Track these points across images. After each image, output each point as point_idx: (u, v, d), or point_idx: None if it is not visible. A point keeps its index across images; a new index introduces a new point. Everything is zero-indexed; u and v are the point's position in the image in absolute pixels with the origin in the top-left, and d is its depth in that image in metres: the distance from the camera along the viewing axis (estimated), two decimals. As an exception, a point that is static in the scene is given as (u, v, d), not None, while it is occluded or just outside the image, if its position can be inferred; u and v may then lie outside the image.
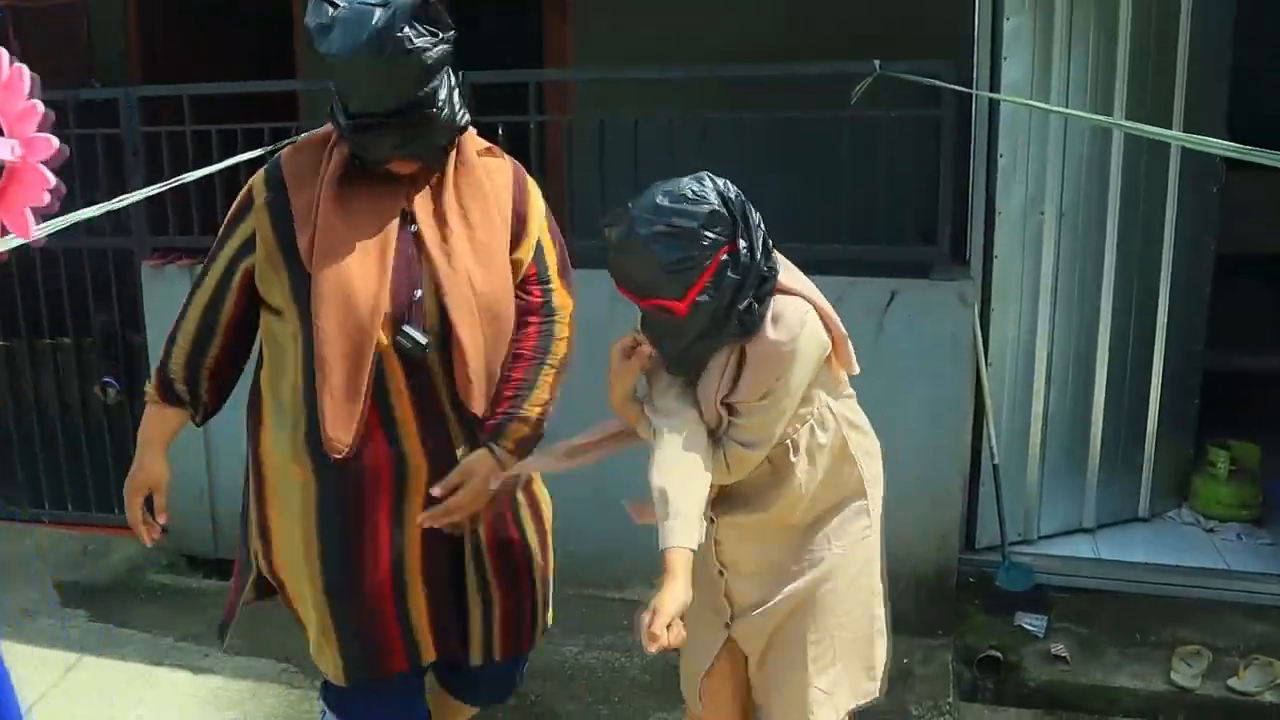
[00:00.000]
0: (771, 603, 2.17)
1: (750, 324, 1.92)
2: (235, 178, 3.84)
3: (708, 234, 1.82)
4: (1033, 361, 4.00)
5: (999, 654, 3.47)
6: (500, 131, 3.68)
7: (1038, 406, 4.03)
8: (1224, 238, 5.06)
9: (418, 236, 1.95)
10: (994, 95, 3.04)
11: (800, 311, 1.98)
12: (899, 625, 3.54)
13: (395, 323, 1.90)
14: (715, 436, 2.03)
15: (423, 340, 1.91)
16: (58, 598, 3.99)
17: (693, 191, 1.83)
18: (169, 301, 4.03)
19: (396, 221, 1.93)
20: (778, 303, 1.96)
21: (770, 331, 1.95)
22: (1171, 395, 4.24)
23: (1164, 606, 3.75)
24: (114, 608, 3.88)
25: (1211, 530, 4.21)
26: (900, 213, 3.54)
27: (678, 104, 3.61)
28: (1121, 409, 4.18)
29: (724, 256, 1.85)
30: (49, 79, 4.94)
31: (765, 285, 1.93)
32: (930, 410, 3.50)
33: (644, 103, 3.66)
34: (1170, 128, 3.92)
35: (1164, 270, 4.08)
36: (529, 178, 2.13)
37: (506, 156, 2.13)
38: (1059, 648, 3.51)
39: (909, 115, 3.41)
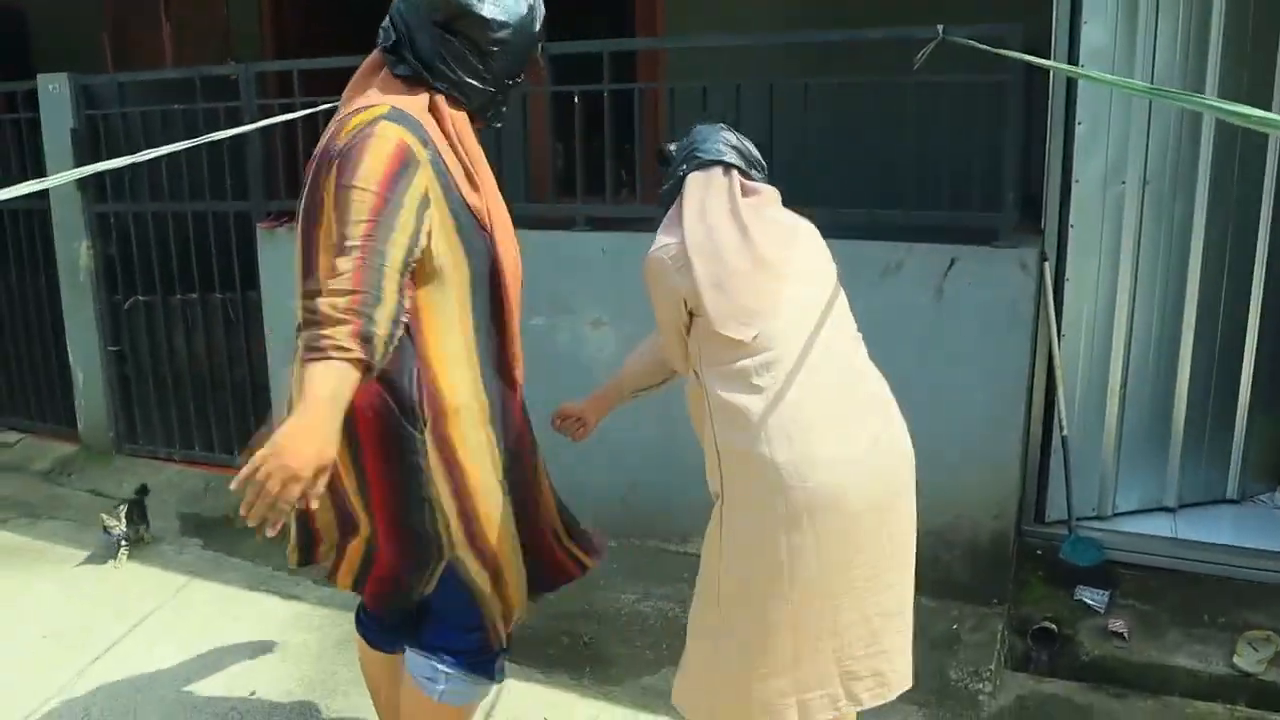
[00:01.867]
0: None
1: None
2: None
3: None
4: (1110, 335, 3.90)
5: (1054, 626, 3.45)
6: (576, 100, 3.88)
7: (1115, 380, 3.94)
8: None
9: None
10: (1047, 64, 2.97)
11: (657, 245, 2.15)
12: (952, 591, 3.62)
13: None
14: None
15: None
16: (178, 527, 4.42)
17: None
18: (281, 260, 4.46)
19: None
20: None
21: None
22: (1266, 374, 4.05)
23: (1237, 589, 3.63)
24: (224, 539, 4.27)
25: (1305, 514, 4.03)
26: (967, 179, 3.52)
27: (754, 70, 3.69)
28: (1209, 386, 4.03)
29: None
30: (193, 56, 5.41)
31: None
32: (990, 379, 3.49)
33: (724, 72, 3.76)
34: (1272, 98, 3.77)
35: (1260, 245, 3.91)
36: None
37: None
38: (1118, 624, 3.46)
39: (975, 81, 3.39)
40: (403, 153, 1.84)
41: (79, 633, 3.49)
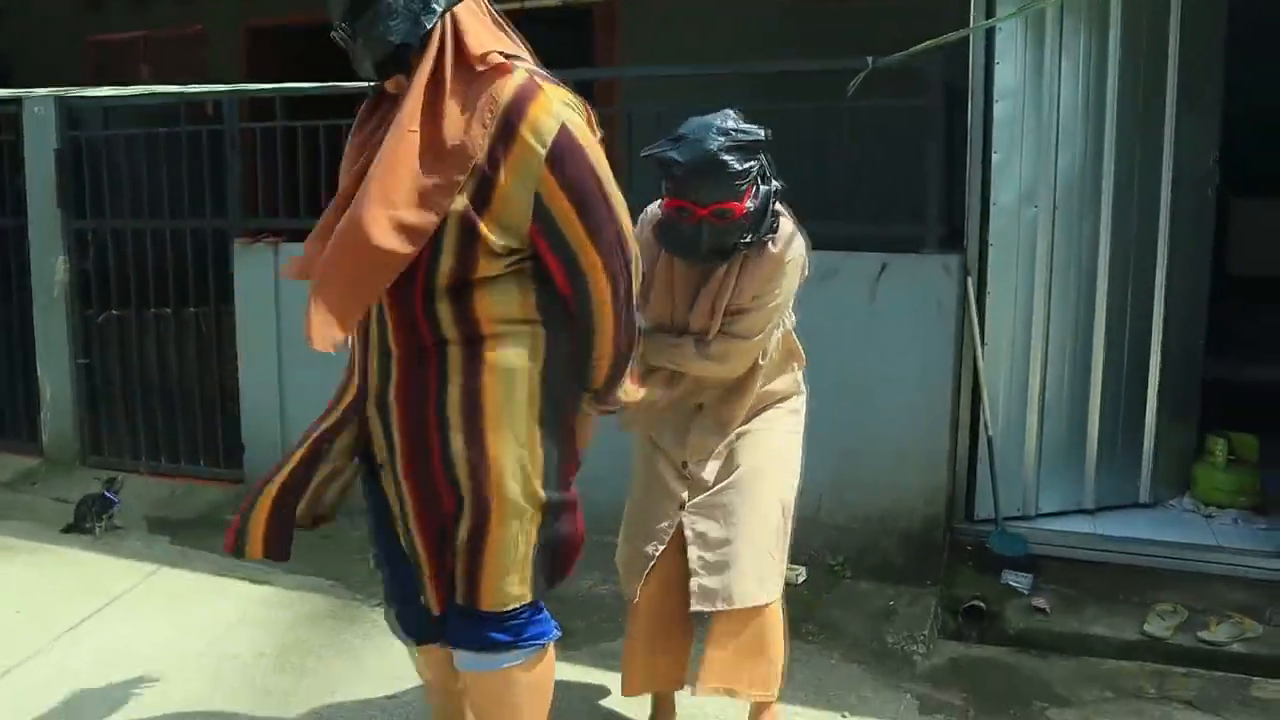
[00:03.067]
0: (719, 459, 2.55)
1: (772, 228, 2.40)
2: (314, 168, 4.47)
3: (761, 149, 2.30)
4: (1028, 346, 4.26)
5: (982, 604, 3.72)
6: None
7: (1034, 388, 4.28)
8: (1237, 260, 5.31)
9: None
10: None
11: (792, 229, 2.46)
12: (888, 573, 3.89)
13: None
14: (702, 339, 2.47)
15: None
16: (145, 527, 4.53)
17: (742, 118, 2.34)
18: (257, 275, 4.69)
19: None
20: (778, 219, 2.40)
21: (771, 245, 2.40)
22: (1170, 387, 4.44)
23: (1150, 576, 3.93)
24: (192, 536, 4.39)
25: (1210, 516, 4.37)
26: (895, 195, 3.91)
27: (705, 96, 4.06)
28: (1120, 397, 4.40)
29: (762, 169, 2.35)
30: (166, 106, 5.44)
31: (777, 196, 2.38)
32: (919, 372, 3.82)
33: (677, 96, 4.13)
34: (1164, 121, 4.23)
35: (1159, 267, 4.33)
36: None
37: (512, 71, 2.06)
38: (1040, 601, 3.74)
39: (900, 106, 3.79)
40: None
41: (53, 608, 3.60)
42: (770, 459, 2.61)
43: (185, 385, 5.11)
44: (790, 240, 2.46)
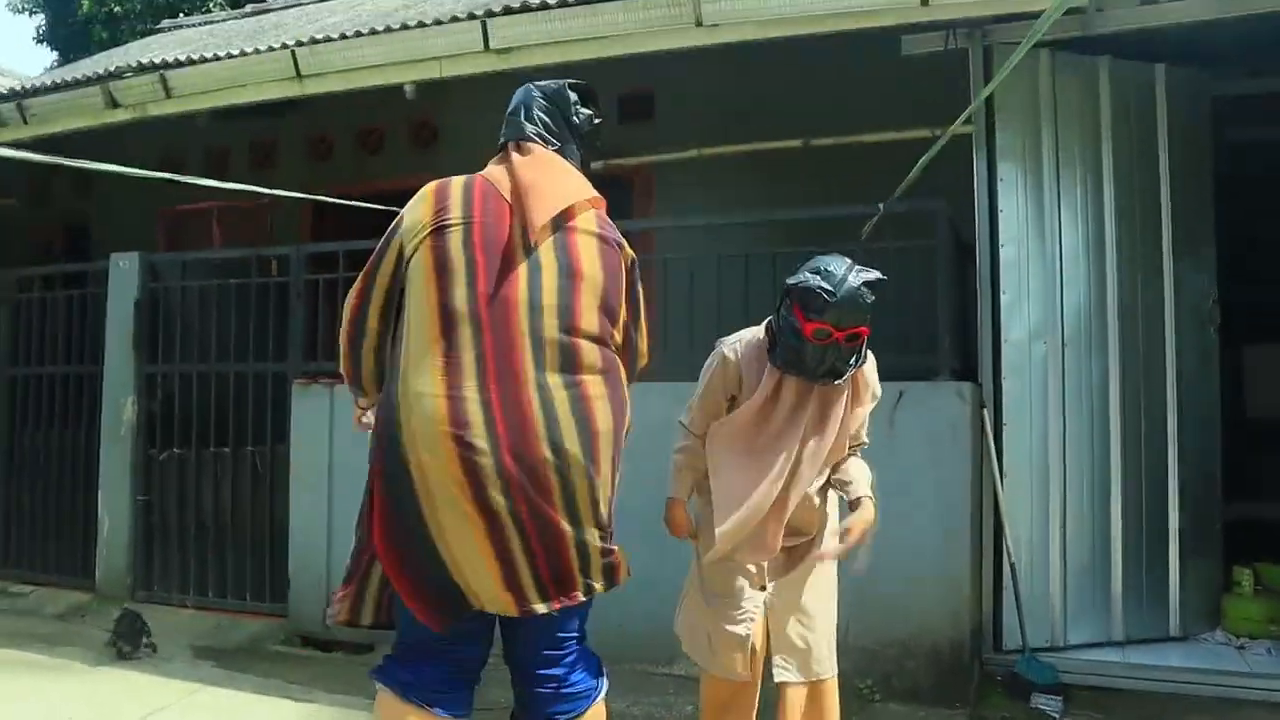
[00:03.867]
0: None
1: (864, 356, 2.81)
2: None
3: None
4: (1047, 477, 4.42)
5: (1011, 725, 3.73)
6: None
7: (1055, 520, 4.41)
8: (1251, 403, 5.49)
9: None
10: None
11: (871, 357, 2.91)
12: (916, 696, 3.91)
13: None
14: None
15: None
16: (190, 654, 4.66)
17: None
18: (312, 413, 4.99)
19: None
20: None
21: (865, 369, 2.86)
22: (1191, 521, 4.54)
23: (1182, 700, 3.94)
24: (237, 662, 4.52)
25: (1242, 647, 4.37)
26: (911, 328, 4.18)
27: (731, 244, 4.44)
28: (1141, 530, 4.50)
29: None
30: (235, 263, 5.89)
31: None
32: (939, 492, 3.98)
33: (706, 246, 4.51)
34: (1161, 260, 4.53)
35: (1169, 403, 4.52)
36: None
37: None
38: (1070, 722, 3.75)
39: (910, 245, 4.12)
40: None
41: (102, 718, 3.72)
42: (831, 579, 2.96)
43: (237, 521, 5.33)
44: (872, 364, 2.93)
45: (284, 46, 5.01)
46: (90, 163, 4.14)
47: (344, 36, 4.89)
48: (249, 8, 9.49)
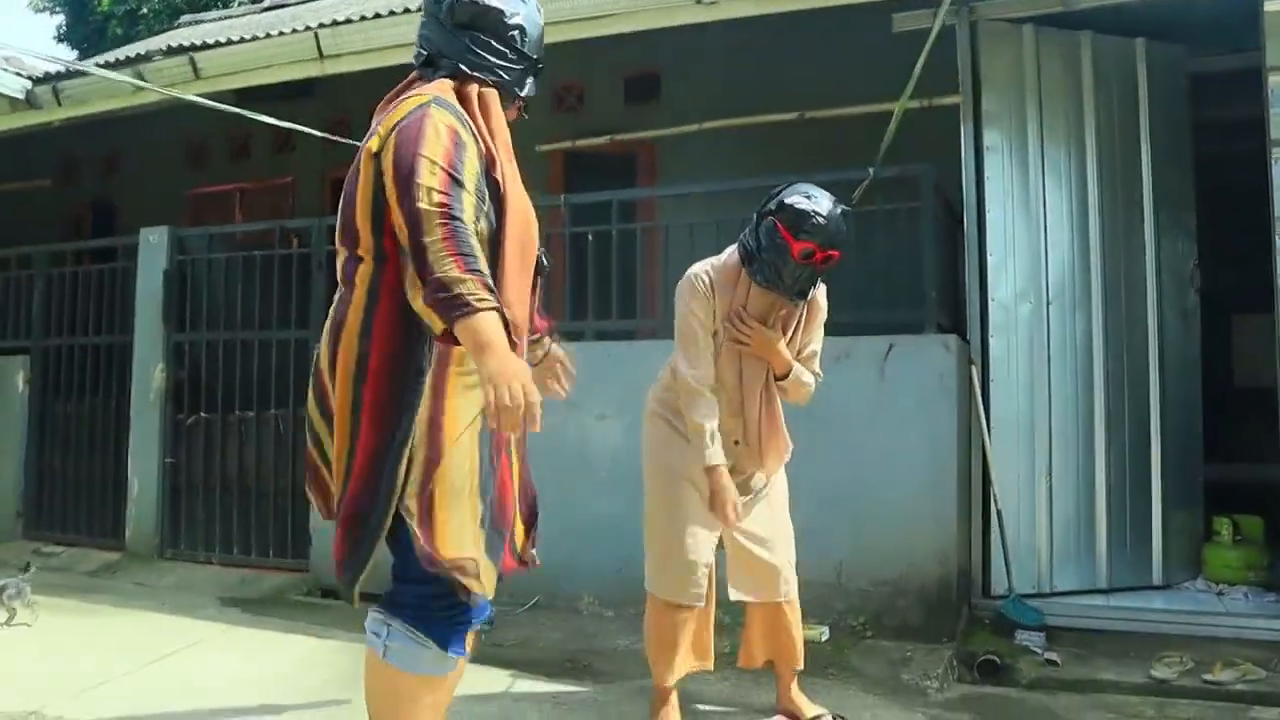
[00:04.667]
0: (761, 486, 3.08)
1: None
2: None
3: None
4: (1033, 430, 4.62)
5: (996, 658, 3.94)
6: (590, 238, 4.84)
7: (1041, 472, 4.61)
8: (1238, 372, 5.69)
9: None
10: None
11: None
12: (906, 632, 4.14)
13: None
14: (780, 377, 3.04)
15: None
16: (219, 605, 4.91)
17: None
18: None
19: None
20: None
21: (819, 295, 3.13)
22: (1173, 471, 4.75)
23: (1160, 639, 4.13)
24: (262, 608, 4.76)
25: (1221, 593, 4.57)
26: (899, 285, 4.41)
27: (730, 209, 4.66)
28: (1125, 483, 4.71)
29: None
30: (261, 233, 6.22)
31: None
32: (927, 440, 4.20)
33: (706, 211, 4.74)
34: (1142, 224, 4.74)
35: (1152, 362, 4.73)
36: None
37: None
38: (1052, 655, 3.96)
39: (900, 208, 4.36)
40: (455, 133, 2.12)
41: (140, 648, 3.97)
42: (784, 494, 3.19)
43: (261, 482, 5.58)
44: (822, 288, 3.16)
45: (307, 29, 5.27)
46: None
47: (363, 19, 5.15)
48: (266, 2, 9.77)
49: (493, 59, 2.29)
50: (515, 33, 2.31)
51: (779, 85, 5.11)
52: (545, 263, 2.38)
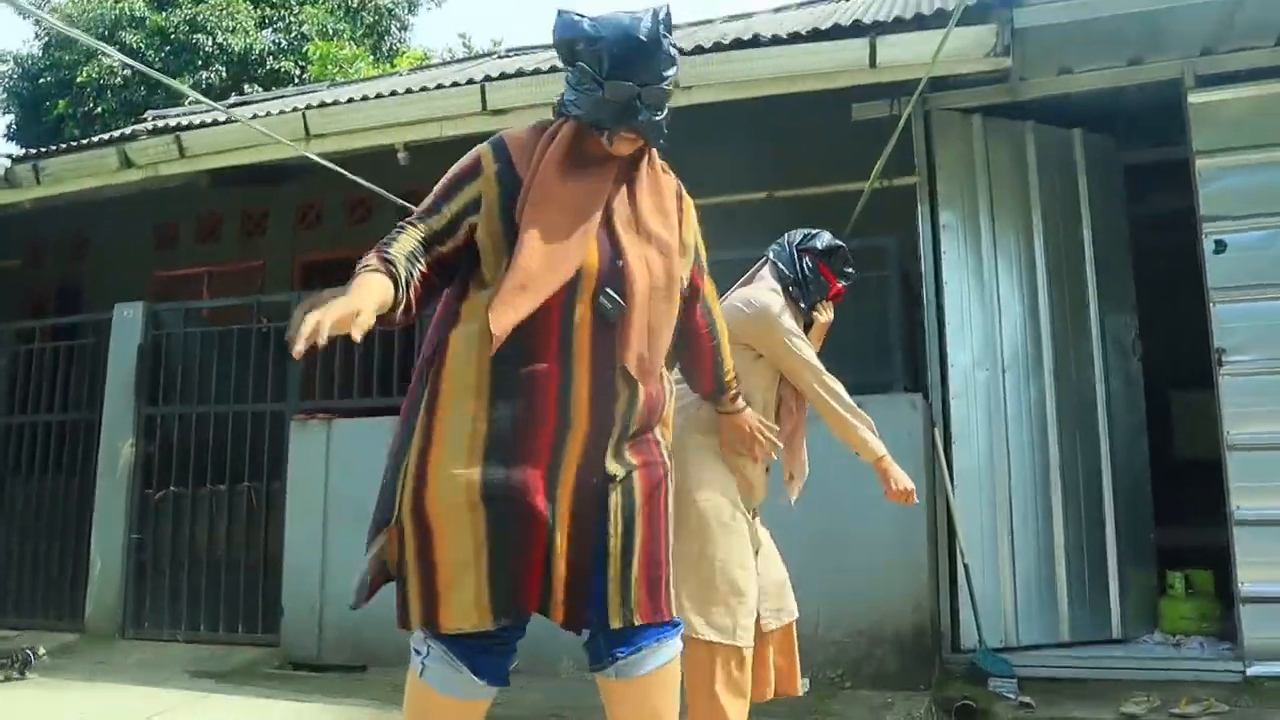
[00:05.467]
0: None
1: None
2: (369, 359, 5.22)
3: None
4: (994, 491, 4.85)
5: (973, 702, 4.06)
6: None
7: (1003, 530, 4.83)
8: (1181, 445, 6.05)
9: (611, 220, 2.14)
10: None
11: None
12: (883, 681, 4.24)
13: (599, 285, 2.07)
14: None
15: (622, 303, 2.08)
16: (188, 679, 4.81)
17: None
18: (310, 449, 5.27)
19: (603, 200, 2.14)
20: None
21: None
22: (1127, 529, 5.00)
23: (1125, 684, 4.31)
24: (234, 682, 4.68)
25: (1178, 644, 4.77)
26: (866, 348, 4.66)
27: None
28: (1082, 541, 4.94)
29: None
30: (230, 313, 6.27)
31: None
32: (898, 495, 4.38)
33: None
34: (1086, 297, 5.09)
35: (1100, 417, 5.03)
36: (685, 194, 2.36)
37: (673, 176, 2.35)
38: (1026, 699, 4.10)
39: (867, 276, 4.63)
40: (470, 165, 2.14)
41: (115, 715, 3.89)
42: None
43: (231, 555, 5.52)
44: None
45: (295, 109, 5.48)
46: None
47: (350, 100, 5.39)
48: (233, 98, 10.02)
49: (575, 92, 2.14)
50: (595, 61, 2.10)
51: (749, 167, 5.42)
52: (607, 305, 2.08)
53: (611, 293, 2.07)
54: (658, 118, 2.13)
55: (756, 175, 5.33)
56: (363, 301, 1.87)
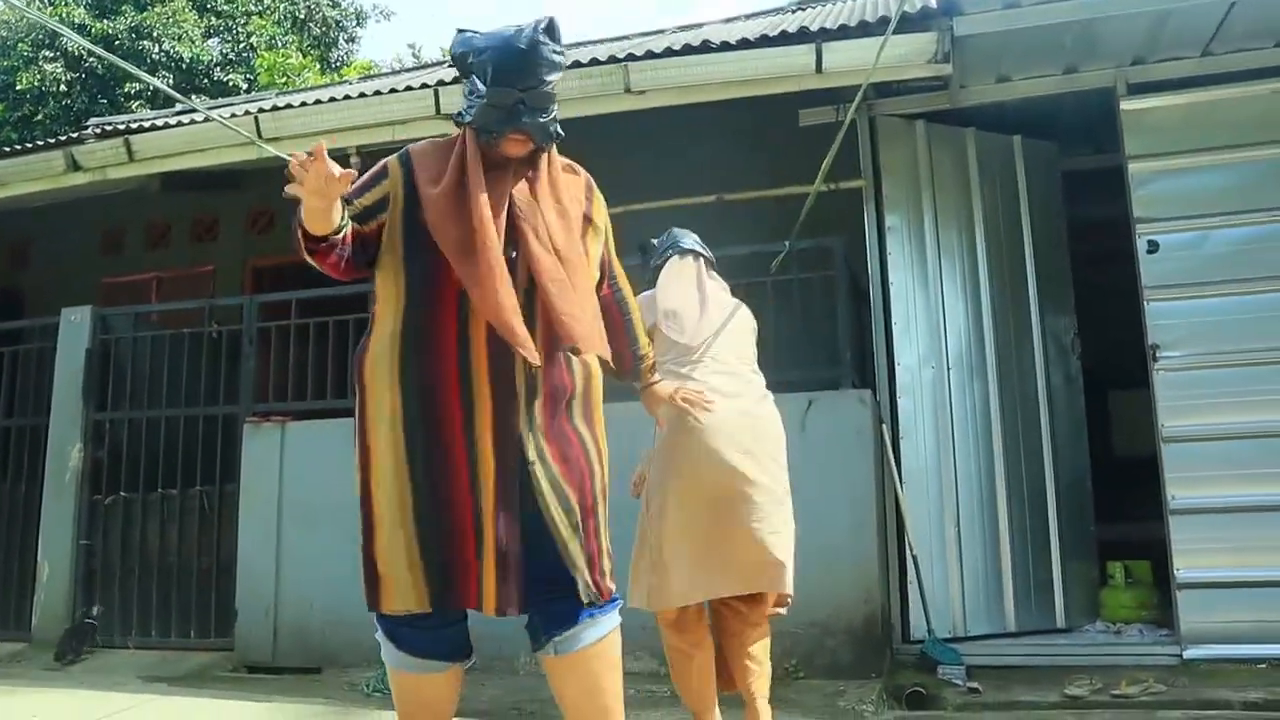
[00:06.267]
0: None
1: None
2: (323, 361, 5.23)
3: None
4: (941, 486, 4.98)
5: (923, 690, 4.17)
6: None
7: (950, 524, 4.96)
8: (1119, 443, 6.23)
9: (513, 214, 2.26)
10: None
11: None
12: (836, 671, 4.32)
13: None
14: None
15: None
16: (140, 684, 4.75)
17: None
18: (264, 451, 5.24)
19: (504, 198, 2.26)
20: None
21: None
22: (1069, 523, 5.16)
23: (1068, 669, 4.44)
24: (189, 684, 4.64)
25: (1118, 632, 4.93)
26: (817, 348, 4.77)
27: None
28: (1026, 534, 5.08)
29: None
30: (180, 317, 6.18)
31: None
32: (847, 488, 4.49)
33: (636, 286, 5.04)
34: (1027, 299, 5.26)
35: (1042, 412, 5.19)
36: (595, 187, 2.48)
37: (581, 170, 2.48)
38: (974, 684, 4.22)
39: (815, 276, 4.75)
40: (378, 170, 2.32)
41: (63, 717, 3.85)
42: None
43: (183, 560, 5.46)
44: None
45: (247, 113, 5.47)
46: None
47: (304, 104, 5.39)
48: (177, 107, 9.90)
49: (467, 101, 2.28)
50: (481, 71, 2.24)
51: (698, 170, 5.52)
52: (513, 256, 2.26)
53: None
54: (543, 119, 2.26)
55: (707, 179, 5.42)
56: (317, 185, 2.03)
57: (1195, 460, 4.60)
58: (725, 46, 4.91)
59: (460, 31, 2.34)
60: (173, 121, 5.60)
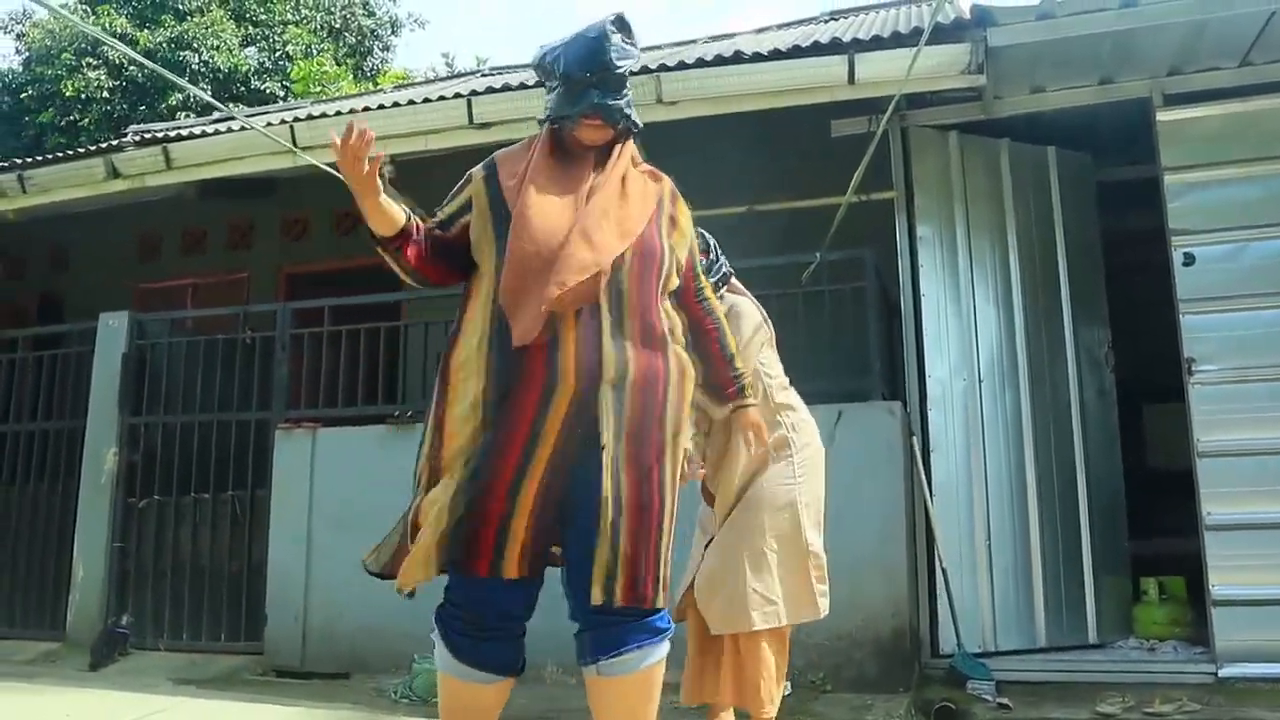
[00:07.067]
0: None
1: None
2: (354, 368, 5.27)
3: None
4: (971, 499, 4.94)
5: (952, 704, 4.13)
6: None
7: (981, 538, 4.92)
8: (1153, 456, 6.15)
9: (591, 202, 2.30)
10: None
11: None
12: (863, 684, 4.30)
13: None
14: None
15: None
16: (171, 687, 4.80)
17: None
18: (295, 457, 5.29)
19: (583, 186, 2.32)
20: None
21: None
22: (1102, 537, 5.10)
23: (1101, 686, 4.39)
24: (217, 687, 4.69)
25: (1152, 649, 4.86)
26: (847, 359, 4.75)
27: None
28: (1058, 547, 5.03)
29: None
30: (215, 323, 6.32)
31: None
32: (877, 500, 4.46)
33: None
34: (1061, 315, 5.21)
35: (1075, 425, 5.13)
36: (679, 195, 2.52)
37: (664, 176, 2.50)
38: (1004, 700, 4.17)
39: (845, 288, 4.74)
40: (463, 182, 2.42)
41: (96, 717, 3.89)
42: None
43: (214, 564, 5.52)
44: None
45: (283, 121, 5.54)
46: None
47: (339, 114, 5.45)
48: (213, 115, 10.05)
49: (548, 97, 2.41)
50: (556, 64, 2.35)
51: (729, 181, 5.52)
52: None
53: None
54: (613, 101, 2.33)
55: (738, 189, 5.42)
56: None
57: (1231, 475, 4.53)
58: (757, 57, 4.91)
59: (541, 47, 2.46)
60: (210, 130, 5.68)
